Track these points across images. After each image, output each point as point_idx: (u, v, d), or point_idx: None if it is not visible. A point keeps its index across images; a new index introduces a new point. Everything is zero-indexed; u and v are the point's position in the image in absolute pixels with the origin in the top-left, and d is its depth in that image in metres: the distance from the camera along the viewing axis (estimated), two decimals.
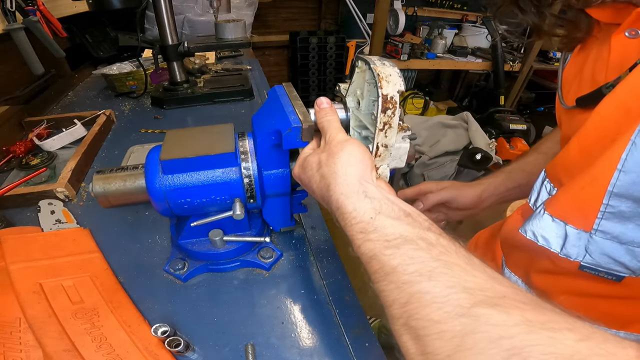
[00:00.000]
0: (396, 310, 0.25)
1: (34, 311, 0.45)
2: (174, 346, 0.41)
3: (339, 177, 0.33)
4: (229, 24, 1.17)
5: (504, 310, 0.21)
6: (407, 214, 0.30)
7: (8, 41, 0.91)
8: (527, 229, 0.41)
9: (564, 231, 0.38)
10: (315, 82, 2.76)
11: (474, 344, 0.20)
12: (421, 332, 0.23)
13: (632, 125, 0.29)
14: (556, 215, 0.38)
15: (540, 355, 0.18)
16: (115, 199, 0.48)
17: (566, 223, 0.37)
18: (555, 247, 0.39)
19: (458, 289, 0.23)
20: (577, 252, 0.37)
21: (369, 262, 0.28)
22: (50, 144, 0.89)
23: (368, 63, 0.39)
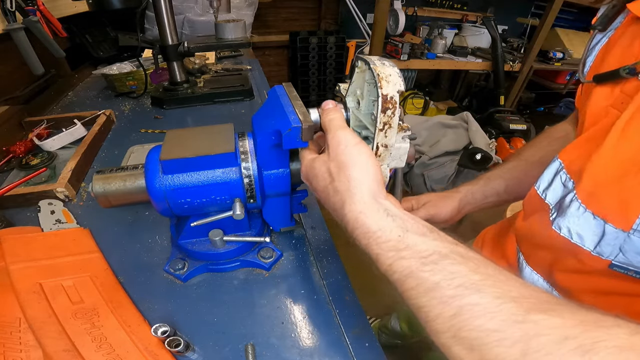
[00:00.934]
0: (441, 324, 0.26)
1: (34, 311, 0.45)
2: (174, 346, 0.41)
3: (355, 195, 0.33)
4: (229, 24, 1.17)
5: (556, 315, 0.22)
6: (431, 230, 0.31)
7: (8, 41, 0.91)
8: (561, 225, 0.40)
9: (602, 229, 0.37)
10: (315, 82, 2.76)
11: (541, 346, 0.21)
12: (476, 342, 0.24)
13: None
14: (597, 213, 0.37)
15: (607, 349, 0.19)
16: (115, 199, 0.48)
17: (605, 221, 0.36)
18: (589, 245, 0.38)
19: (506, 299, 0.24)
20: (610, 250, 0.37)
21: (404, 280, 0.29)
22: (50, 144, 0.89)
23: (368, 63, 0.39)
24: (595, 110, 0.41)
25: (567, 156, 0.44)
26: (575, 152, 0.43)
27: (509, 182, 0.57)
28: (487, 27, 2.56)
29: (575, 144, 0.43)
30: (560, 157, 0.45)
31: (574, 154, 0.42)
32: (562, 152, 0.45)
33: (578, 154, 0.42)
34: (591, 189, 0.38)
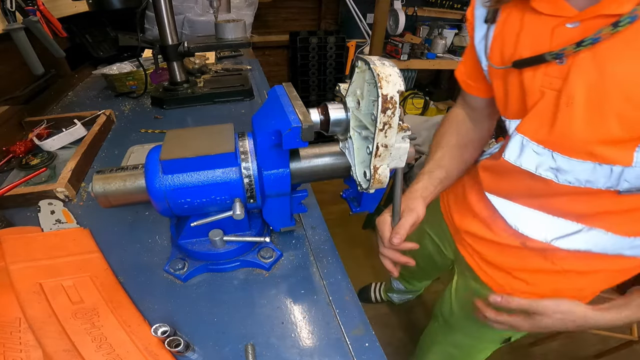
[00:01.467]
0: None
1: (34, 311, 0.45)
2: (174, 346, 0.41)
3: None
4: (229, 24, 1.17)
5: None
6: None
7: (8, 41, 0.91)
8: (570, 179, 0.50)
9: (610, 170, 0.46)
10: (315, 82, 2.76)
11: None
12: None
13: None
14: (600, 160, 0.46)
15: None
16: (115, 199, 0.48)
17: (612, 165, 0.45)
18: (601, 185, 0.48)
19: None
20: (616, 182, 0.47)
21: None
22: (50, 144, 0.89)
23: (368, 63, 0.39)
24: (532, 91, 0.49)
25: (526, 131, 0.52)
26: (531, 126, 0.51)
27: (446, 169, 0.65)
28: None
29: (529, 121, 0.51)
30: (520, 131, 0.53)
31: (532, 128, 0.51)
32: (519, 128, 0.53)
33: (536, 128, 0.50)
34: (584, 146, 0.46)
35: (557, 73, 0.45)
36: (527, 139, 0.52)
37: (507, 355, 1.57)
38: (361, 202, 0.57)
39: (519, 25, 0.49)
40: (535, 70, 0.48)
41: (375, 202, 0.57)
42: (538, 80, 0.48)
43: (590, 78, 0.42)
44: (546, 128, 0.49)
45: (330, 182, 0.62)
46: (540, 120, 0.49)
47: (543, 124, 0.49)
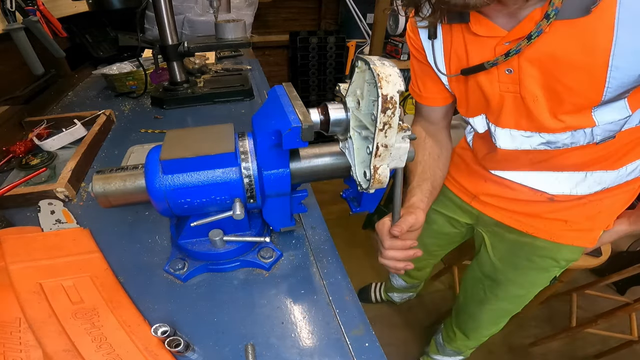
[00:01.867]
0: None
1: (34, 311, 0.45)
2: (174, 346, 0.41)
3: None
4: (229, 24, 1.17)
5: None
6: None
7: (8, 41, 0.91)
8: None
9: None
10: (315, 82, 2.76)
11: None
12: None
13: None
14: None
15: None
16: (115, 199, 0.48)
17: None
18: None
19: None
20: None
21: None
22: (50, 144, 0.89)
23: (368, 63, 0.39)
24: (493, 95, 0.61)
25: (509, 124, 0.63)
26: (512, 121, 0.62)
27: (431, 180, 0.71)
28: None
29: (507, 117, 0.62)
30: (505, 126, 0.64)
31: (512, 121, 0.62)
32: (501, 124, 0.64)
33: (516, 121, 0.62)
34: None
35: (511, 80, 0.57)
36: (514, 130, 0.63)
37: (507, 355, 1.57)
38: (361, 202, 0.57)
39: (464, 43, 0.60)
40: (490, 79, 0.59)
41: (375, 202, 0.57)
42: (495, 86, 0.59)
43: (538, 78, 0.54)
44: (525, 119, 0.61)
45: (330, 182, 0.62)
46: (517, 115, 0.61)
47: (521, 117, 0.61)
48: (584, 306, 1.70)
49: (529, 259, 0.85)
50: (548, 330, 1.65)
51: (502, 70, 0.57)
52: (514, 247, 0.87)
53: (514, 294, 0.95)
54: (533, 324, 1.69)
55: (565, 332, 1.49)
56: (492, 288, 0.97)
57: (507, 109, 0.61)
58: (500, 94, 0.60)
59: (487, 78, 0.60)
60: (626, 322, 1.48)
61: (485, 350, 1.57)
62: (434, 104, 0.75)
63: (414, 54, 0.71)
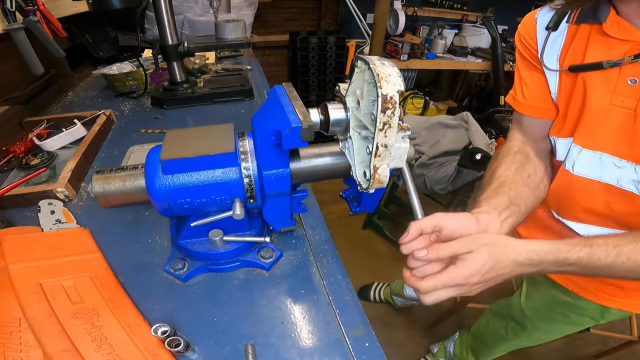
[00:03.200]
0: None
1: (34, 311, 0.45)
2: (174, 346, 0.41)
3: None
4: (229, 24, 1.17)
5: None
6: None
7: (8, 41, 0.91)
8: None
9: None
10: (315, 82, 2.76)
11: None
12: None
13: None
14: None
15: None
16: (114, 199, 0.48)
17: None
18: None
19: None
20: None
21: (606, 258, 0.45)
22: (50, 144, 0.89)
23: (368, 63, 0.39)
24: (596, 108, 0.52)
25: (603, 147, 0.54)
26: (608, 142, 0.53)
27: (509, 195, 0.57)
28: (487, 27, 2.56)
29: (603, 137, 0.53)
30: (594, 148, 0.55)
31: (609, 144, 0.53)
32: (591, 146, 0.55)
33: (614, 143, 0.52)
34: None
35: (631, 93, 0.48)
36: (606, 154, 0.54)
37: (507, 355, 1.56)
38: (361, 202, 0.57)
39: (586, 42, 0.52)
40: (603, 85, 0.50)
41: (375, 202, 0.57)
42: (607, 96, 0.50)
43: None
44: (627, 145, 0.51)
45: (330, 182, 0.62)
46: (619, 138, 0.51)
47: (623, 142, 0.51)
48: None
49: (564, 315, 0.80)
50: None
51: (624, 79, 0.48)
52: (551, 302, 0.81)
53: (537, 338, 0.92)
54: None
55: None
56: (515, 330, 0.95)
57: (610, 127, 0.51)
58: (609, 107, 0.50)
59: (601, 83, 0.50)
60: (626, 322, 1.48)
61: None
62: (535, 114, 0.64)
63: (521, 52, 0.63)
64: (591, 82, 0.51)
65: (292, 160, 0.50)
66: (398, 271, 1.83)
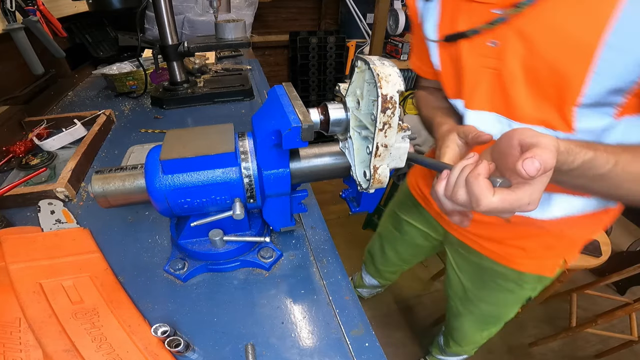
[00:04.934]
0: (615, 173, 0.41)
1: (34, 311, 0.45)
2: (174, 346, 0.41)
3: None
4: (229, 24, 1.17)
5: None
6: None
7: (8, 41, 0.91)
8: None
9: None
10: (315, 82, 2.76)
11: None
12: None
13: None
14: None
15: None
16: (114, 199, 0.48)
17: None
18: None
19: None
20: None
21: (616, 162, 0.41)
22: (50, 144, 0.89)
23: (367, 63, 0.39)
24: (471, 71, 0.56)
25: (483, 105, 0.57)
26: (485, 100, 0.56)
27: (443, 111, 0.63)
28: None
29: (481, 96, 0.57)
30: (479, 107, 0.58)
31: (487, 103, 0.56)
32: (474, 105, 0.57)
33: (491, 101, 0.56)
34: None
35: (493, 54, 0.52)
36: (487, 112, 0.57)
37: (507, 355, 1.57)
38: (361, 202, 0.57)
39: (458, 9, 0.56)
40: (471, 51, 0.54)
41: (375, 202, 0.57)
42: (475, 60, 0.54)
43: (522, 54, 0.49)
44: (500, 102, 0.55)
45: (330, 182, 0.62)
46: (492, 96, 0.55)
47: (496, 99, 0.55)
48: (584, 306, 1.70)
49: (494, 281, 0.82)
50: (548, 330, 1.65)
51: (485, 42, 0.52)
52: (478, 269, 0.84)
53: (488, 311, 0.93)
54: (533, 324, 1.69)
55: (565, 332, 1.49)
56: (465, 304, 0.96)
57: (483, 88, 0.56)
58: (479, 69, 0.55)
59: (470, 48, 0.55)
60: (626, 322, 1.48)
61: (485, 350, 1.57)
62: (431, 77, 0.71)
63: (412, 20, 0.68)
64: (464, 48, 0.55)
65: (292, 160, 0.50)
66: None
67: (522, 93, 0.51)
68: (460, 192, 0.37)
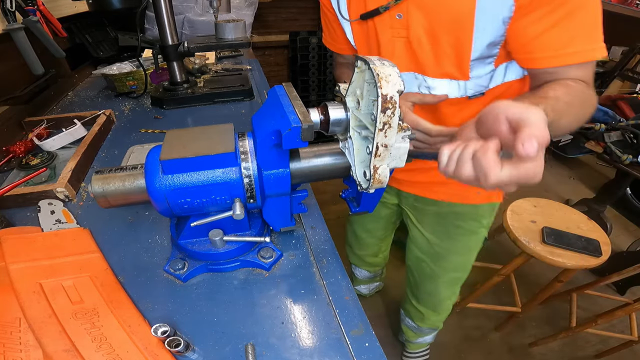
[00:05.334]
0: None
1: (34, 311, 0.45)
2: (174, 346, 0.41)
3: None
4: (229, 24, 1.16)
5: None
6: None
7: (8, 41, 0.91)
8: None
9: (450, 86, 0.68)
10: (315, 82, 2.76)
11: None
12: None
13: None
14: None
15: None
16: (114, 199, 0.48)
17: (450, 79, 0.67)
18: None
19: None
20: None
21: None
22: (50, 144, 0.89)
23: (367, 63, 0.39)
24: (385, 41, 0.66)
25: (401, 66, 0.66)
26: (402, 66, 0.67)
27: None
28: None
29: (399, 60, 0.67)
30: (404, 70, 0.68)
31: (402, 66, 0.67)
32: None
33: (407, 63, 0.67)
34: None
35: (401, 25, 0.63)
36: (403, 72, 0.67)
37: (507, 355, 1.57)
38: (361, 202, 0.57)
39: None
40: (383, 25, 0.65)
41: (375, 202, 0.57)
42: (388, 32, 0.65)
43: (423, 22, 0.60)
44: (413, 64, 0.67)
45: (330, 182, 0.62)
46: (406, 60, 0.67)
47: (409, 62, 0.67)
48: (584, 306, 1.70)
49: (456, 226, 0.89)
50: (548, 330, 1.65)
51: (394, 15, 0.62)
52: (438, 218, 0.91)
53: (457, 261, 0.99)
54: (533, 324, 1.69)
55: (565, 332, 1.50)
56: (436, 261, 1.01)
57: (398, 54, 0.66)
58: (392, 39, 0.65)
59: (382, 22, 0.64)
60: (626, 322, 1.48)
61: (485, 350, 1.57)
62: (349, 52, 0.81)
63: (323, 3, 0.79)
64: (377, 23, 0.65)
65: (292, 160, 0.50)
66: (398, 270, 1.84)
67: (429, 54, 0.63)
68: (466, 167, 0.37)
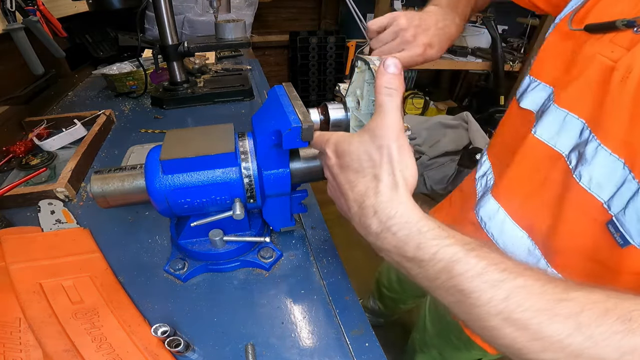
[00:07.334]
0: (494, 307, 0.26)
1: (34, 311, 0.45)
2: (174, 346, 0.41)
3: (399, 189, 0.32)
4: (229, 24, 1.16)
5: (588, 291, 0.25)
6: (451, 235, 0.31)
7: (8, 41, 0.91)
8: (583, 173, 0.39)
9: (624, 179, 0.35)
10: (315, 82, 2.76)
11: (591, 320, 0.24)
12: (530, 321, 0.25)
13: None
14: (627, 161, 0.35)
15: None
16: (113, 200, 0.48)
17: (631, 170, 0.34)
18: (605, 196, 0.37)
19: (544, 281, 0.26)
20: (617, 205, 0.35)
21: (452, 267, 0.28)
22: (50, 144, 0.89)
23: (367, 63, 0.39)
24: (584, 57, 0.42)
25: (571, 105, 0.43)
26: (575, 98, 0.42)
27: None
28: (487, 27, 2.56)
29: (574, 92, 0.43)
30: (563, 105, 0.44)
31: (576, 100, 0.42)
32: (560, 101, 0.44)
33: (581, 101, 0.41)
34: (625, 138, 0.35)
35: (626, 42, 0.37)
36: (572, 114, 0.42)
37: None
38: None
39: None
40: (601, 37, 0.41)
41: None
42: (597, 45, 0.40)
43: None
44: (591, 103, 0.40)
45: None
46: (586, 94, 0.40)
47: (588, 98, 0.40)
48: None
49: (458, 338, 0.75)
50: None
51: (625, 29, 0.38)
52: (448, 320, 0.78)
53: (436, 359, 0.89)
54: None
55: None
56: (422, 345, 0.94)
57: (583, 80, 0.41)
58: (595, 55, 0.41)
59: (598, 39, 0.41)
60: None
61: None
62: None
63: None
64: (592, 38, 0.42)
65: (292, 160, 0.50)
66: None
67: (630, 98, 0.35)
68: None
